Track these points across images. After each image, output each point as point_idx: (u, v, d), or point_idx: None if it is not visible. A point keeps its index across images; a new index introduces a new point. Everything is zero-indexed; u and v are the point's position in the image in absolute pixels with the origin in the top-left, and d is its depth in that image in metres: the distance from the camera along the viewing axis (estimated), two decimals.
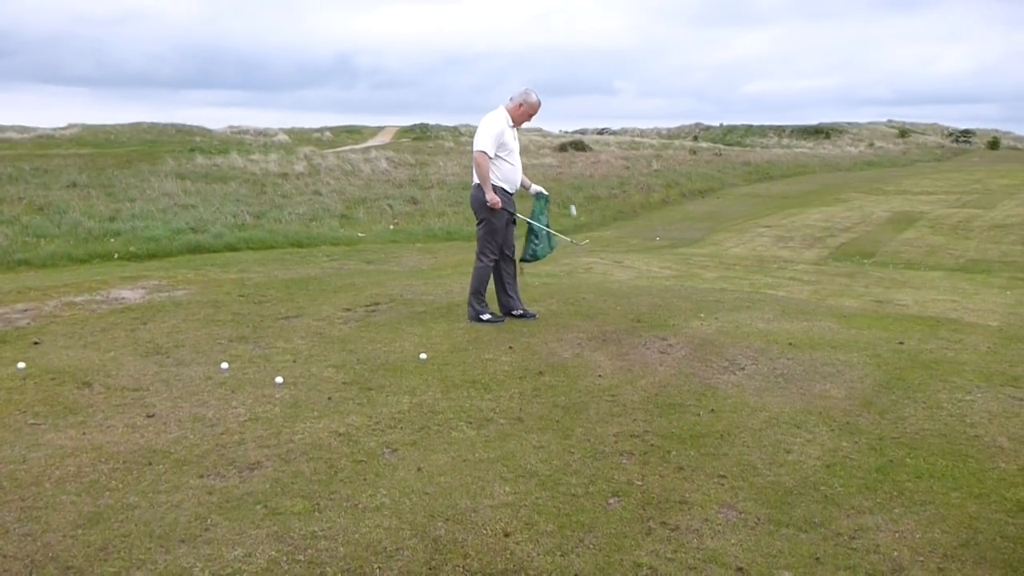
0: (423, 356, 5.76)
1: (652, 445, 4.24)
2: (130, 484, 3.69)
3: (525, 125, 6.89)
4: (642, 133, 72.90)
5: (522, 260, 7.16)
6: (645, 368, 5.58)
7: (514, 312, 7.01)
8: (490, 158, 6.59)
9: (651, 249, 14.33)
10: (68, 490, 3.62)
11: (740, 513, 3.51)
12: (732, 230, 17.12)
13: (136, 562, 3.03)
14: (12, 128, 52.68)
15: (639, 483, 3.80)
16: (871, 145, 57.59)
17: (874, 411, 4.79)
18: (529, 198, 7.10)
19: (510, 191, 6.79)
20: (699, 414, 4.71)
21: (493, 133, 6.57)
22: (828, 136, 65.59)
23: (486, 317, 6.84)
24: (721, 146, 50.47)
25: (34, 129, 52.40)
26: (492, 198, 6.58)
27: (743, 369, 5.58)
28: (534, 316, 7.00)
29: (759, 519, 3.46)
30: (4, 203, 15.95)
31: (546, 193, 7.09)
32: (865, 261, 12.86)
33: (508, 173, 6.72)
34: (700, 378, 5.38)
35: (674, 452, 4.16)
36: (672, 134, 73.11)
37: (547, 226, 7.09)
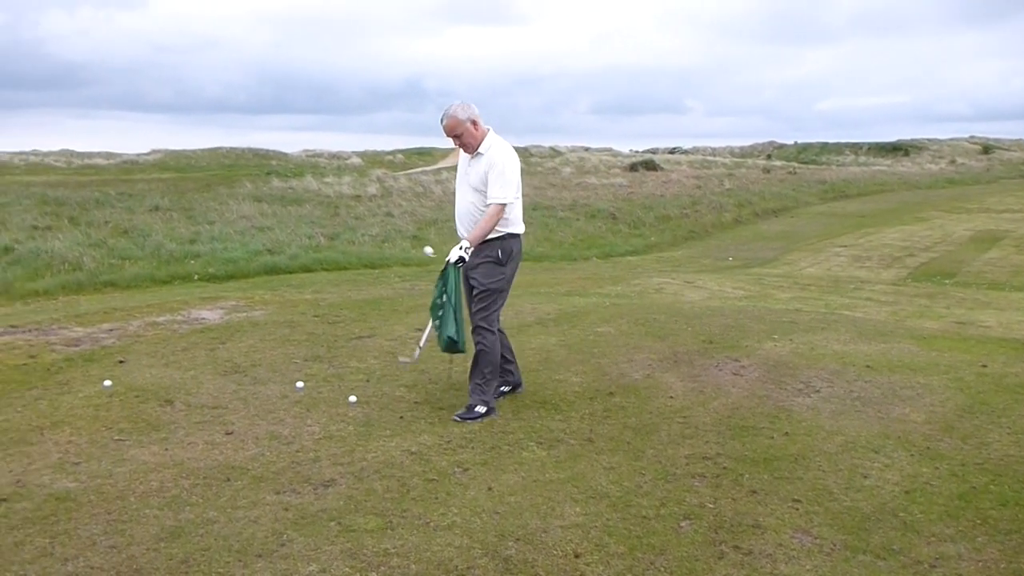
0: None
1: (724, 468, 4.19)
2: (210, 499, 3.79)
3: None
4: (714, 152, 72.21)
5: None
6: (717, 390, 5.52)
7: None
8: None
9: (723, 269, 14.18)
10: (151, 504, 3.74)
11: (815, 539, 3.45)
12: (807, 250, 16.84)
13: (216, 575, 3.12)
14: (99, 154, 54.77)
15: (711, 506, 3.76)
16: (952, 162, 56.00)
17: (956, 436, 4.65)
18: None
19: (458, 233, 5.14)
20: (773, 437, 4.64)
21: None
22: (907, 153, 64.03)
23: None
24: (795, 164, 49.70)
25: (119, 155, 54.41)
26: None
27: (818, 392, 5.48)
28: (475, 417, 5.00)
29: (835, 545, 3.39)
30: (92, 227, 16.57)
31: (452, 260, 4.87)
32: (946, 281, 12.52)
33: None
34: (774, 400, 5.30)
35: (747, 475, 4.10)
36: (745, 152, 72.26)
37: (446, 306, 4.95)
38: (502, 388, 5.37)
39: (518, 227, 5.11)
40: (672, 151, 71.75)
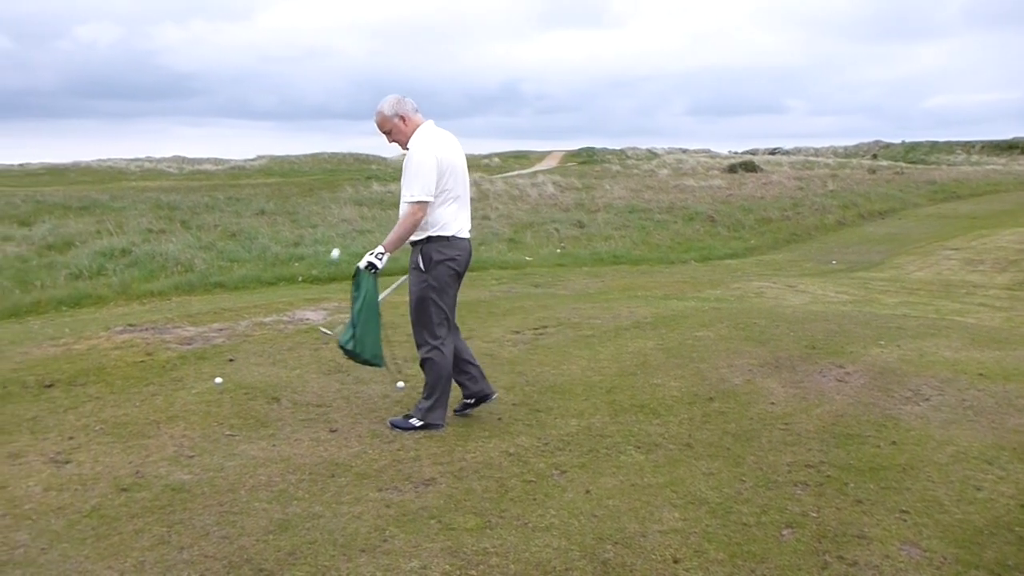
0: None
1: (828, 476, 4.10)
2: (315, 494, 3.91)
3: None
4: (816, 152, 70.36)
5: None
6: (821, 396, 5.39)
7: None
8: None
9: (826, 273, 13.82)
10: (260, 497, 3.88)
11: (924, 552, 3.34)
12: (915, 253, 16.26)
13: (321, 568, 3.22)
14: (208, 160, 57.12)
15: (814, 515, 3.68)
16: None
17: None
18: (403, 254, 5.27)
19: None
20: (879, 446, 4.51)
21: None
22: None
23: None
24: (903, 164, 48.04)
25: (227, 161, 56.68)
26: None
27: (928, 400, 5.30)
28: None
29: (945, 559, 3.28)
30: (202, 230, 17.21)
31: (361, 266, 4.76)
32: None
33: None
34: (880, 408, 5.15)
35: (852, 484, 4.00)
36: (849, 152, 70.15)
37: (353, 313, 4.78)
38: (467, 401, 5.07)
39: (446, 229, 4.69)
40: (772, 152, 70.30)
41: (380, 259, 4.66)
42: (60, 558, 3.32)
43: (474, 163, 49.73)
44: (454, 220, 4.75)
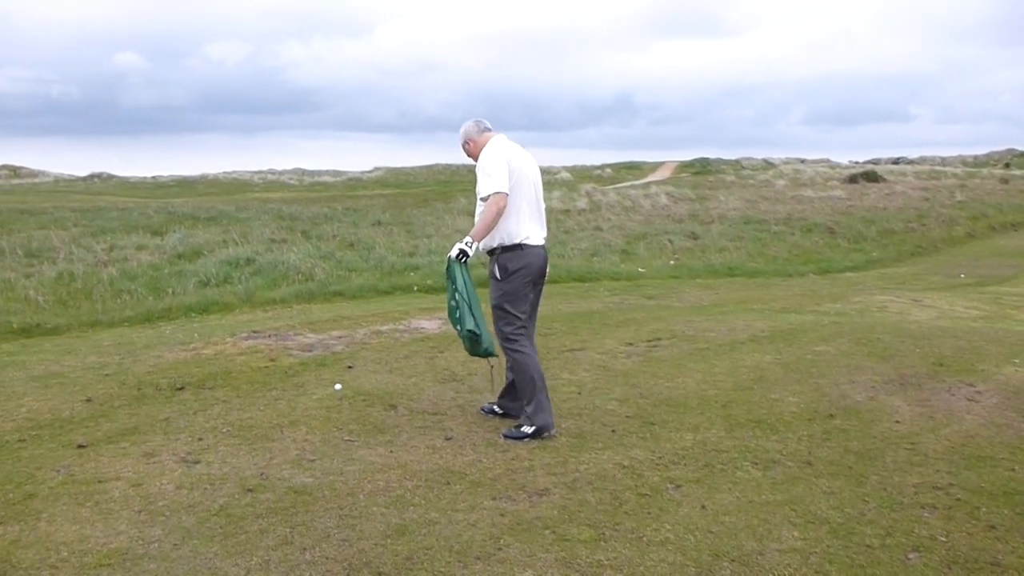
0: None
1: (958, 499, 3.92)
2: (431, 501, 3.98)
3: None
4: (943, 161, 67.36)
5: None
6: (949, 416, 5.17)
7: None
8: None
9: (955, 287, 13.23)
10: (378, 502, 3.97)
11: None
12: None
13: (438, 574, 3.27)
14: (327, 172, 58.97)
15: (943, 539, 3.53)
16: None
17: None
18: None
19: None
20: (1014, 469, 4.28)
21: None
22: None
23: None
24: None
25: (345, 173, 58.42)
26: None
27: None
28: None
29: None
30: (322, 240, 17.72)
31: (452, 255, 4.87)
32: None
33: None
34: (1015, 430, 4.89)
35: (984, 509, 3.82)
36: (979, 162, 66.90)
37: (460, 303, 4.91)
38: (495, 407, 5.38)
39: (516, 237, 4.88)
40: (896, 161, 67.69)
41: (470, 247, 4.81)
42: (191, 554, 3.48)
43: (586, 174, 49.75)
44: (524, 228, 4.94)
